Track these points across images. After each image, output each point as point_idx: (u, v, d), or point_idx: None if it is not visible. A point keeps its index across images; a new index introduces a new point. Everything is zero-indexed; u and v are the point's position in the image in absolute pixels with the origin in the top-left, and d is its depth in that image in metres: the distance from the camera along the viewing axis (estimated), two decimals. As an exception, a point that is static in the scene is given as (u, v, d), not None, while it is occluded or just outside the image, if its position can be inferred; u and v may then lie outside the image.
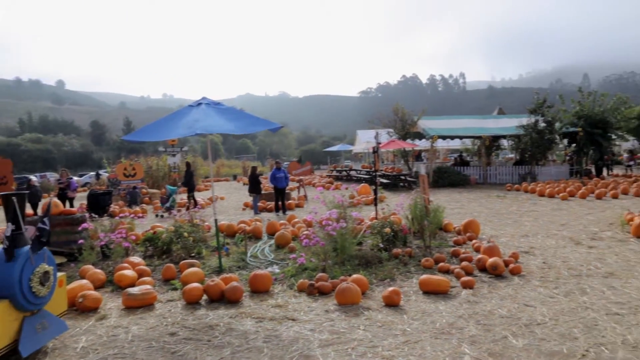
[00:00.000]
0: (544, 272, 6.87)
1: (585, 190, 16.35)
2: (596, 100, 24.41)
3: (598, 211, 12.96)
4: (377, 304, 5.66)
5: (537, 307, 5.39)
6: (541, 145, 22.43)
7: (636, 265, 7.07)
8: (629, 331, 4.64)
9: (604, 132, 23.59)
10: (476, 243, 8.23)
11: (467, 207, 14.72)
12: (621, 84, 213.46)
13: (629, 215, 10.39)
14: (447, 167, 23.97)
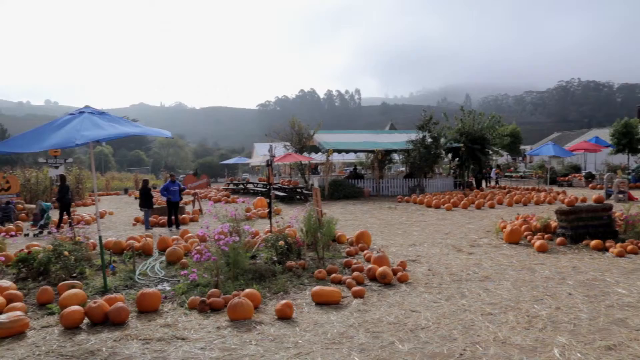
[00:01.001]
0: (429, 278, 7.30)
1: (467, 201, 17.70)
2: (475, 119, 26.65)
3: (477, 220, 14.07)
4: (270, 317, 5.64)
5: (421, 312, 5.70)
6: (428, 159, 23.96)
7: (507, 269, 7.77)
8: (500, 329, 5.07)
9: (483, 148, 25.78)
10: (367, 253, 8.53)
11: (360, 218, 15.24)
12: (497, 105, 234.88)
13: (503, 223, 11.41)
14: (342, 180, 24.70)
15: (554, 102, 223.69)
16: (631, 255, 8.48)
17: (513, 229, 10.11)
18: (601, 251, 8.91)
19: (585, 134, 49.35)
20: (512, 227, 10.17)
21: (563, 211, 9.91)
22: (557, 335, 4.84)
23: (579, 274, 7.31)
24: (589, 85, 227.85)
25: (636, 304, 5.79)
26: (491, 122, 26.54)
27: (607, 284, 6.74)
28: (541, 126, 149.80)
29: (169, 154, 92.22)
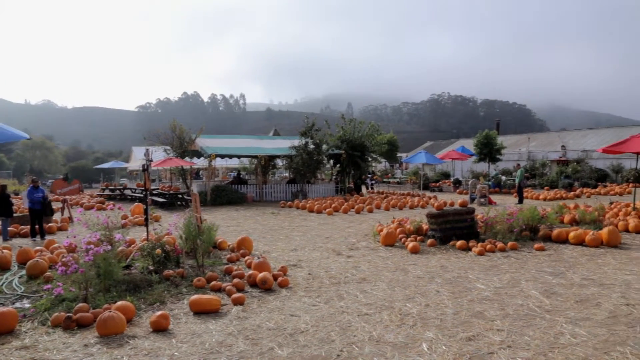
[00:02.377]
0: (309, 282, 7.41)
1: (347, 206, 18.34)
2: (356, 127, 27.75)
3: (357, 224, 14.63)
4: (145, 330, 5.33)
5: (301, 316, 5.76)
6: (311, 165, 24.46)
7: (383, 270, 8.15)
8: (375, 328, 5.28)
9: (362, 155, 26.92)
10: (249, 259, 8.44)
11: (243, 224, 15.08)
12: (377, 114, 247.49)
13: (380, 227, 11.98)
14: (225, 186, 24.29)
15: (427, 113, 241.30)
16: (489, 254, 9.36)
17: (389, 232, 10.65)
18: (465, 251, 9.72)
19: (454, 144, 53.81)
20: (388, 231, 10.72)
21: (433, 215, 10.67)
22: (426, 331, 5.17)
23: (446, 273, 7.89)
24: (457, 99, 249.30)
25: (492, 297, 6.39)
26: (370, 130, 27.80)
27: (469, 280, 7.35)
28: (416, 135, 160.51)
29: (35, 157, 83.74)
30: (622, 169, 32.88)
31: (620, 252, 9.33)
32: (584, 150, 37.36)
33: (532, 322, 5.39)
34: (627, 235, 11.31)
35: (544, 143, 44.49)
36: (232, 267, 8.01)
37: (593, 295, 6.43)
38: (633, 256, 8.95)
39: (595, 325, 5.26)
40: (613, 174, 33.73)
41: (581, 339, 4.85)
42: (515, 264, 8.50)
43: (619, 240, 10.03)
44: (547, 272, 7.78)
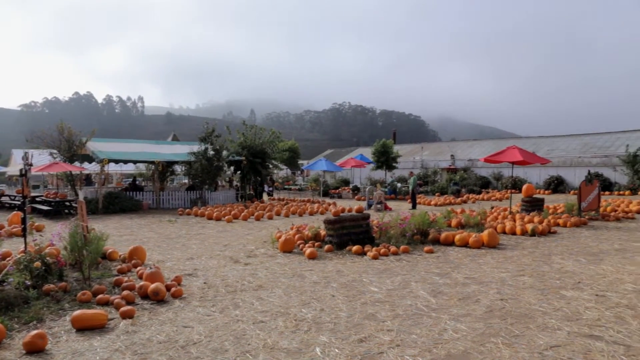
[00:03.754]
0: (204, 292, 7.23)
1: (247, 213, 18.18)
2: (257, 133, 27.65)
3: (256, 231, 14.54)
4: (17, 353, 4.86)
5: (194, 327, 5.59)
6: (210, 172, 23.93)
7: (280, 277, 8.17)
8: (269, 335, 5.27)
9: (263, 162, 26.86)
10: (141, 270, 8.05)
11: (137, 233, 14.36)
12: (279, 121, 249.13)
13: (278, 233, 12.01)
14: (119, 193, 22.99)
15: (329, 121, 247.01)
16: (383, 257, 9.75)
17: (287, 238, 10.71)
18: (361, 255, 10.04)
19: (353, 152, 55.55)
20: (286, 237, 10.77)
21: (330, 221, 10.90)
22: (320, 335, 5.25)
23: (341, 277, 8.09)
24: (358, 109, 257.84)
25: (384, 299, 6.66)
26: (271, 137, 27.85)
27: (363, 283, 7.60)
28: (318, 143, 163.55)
29: None
30: (502, 177, 35.96)
31: (498, 252, 10.17)
32: (470, 160, 40.32)
33: (419, 320, 5.69)
34: (505, 236, 12.37)
35: (436, 152, 47.40)
36: (122, 278, 7.58)
37: (473, 292, 6.94)
38: (508, 255, 9.81)
39: (475, 320, 5.67)
40: (494, 181, 36.77)
41: (462, 334, 5.20)
42: (407, 266, 8.94)
43: (497, 242, 10.95)
44: (434, 273, 8.27)
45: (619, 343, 4.88)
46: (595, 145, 35.63)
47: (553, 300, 6.49)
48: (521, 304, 6.33)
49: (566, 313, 5.90)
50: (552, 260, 9.30)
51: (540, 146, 38.44)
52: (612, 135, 36.71)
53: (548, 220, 14.13)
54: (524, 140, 42.27)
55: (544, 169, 33.52)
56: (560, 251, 10.26)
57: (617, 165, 31.47)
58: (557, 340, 4.99)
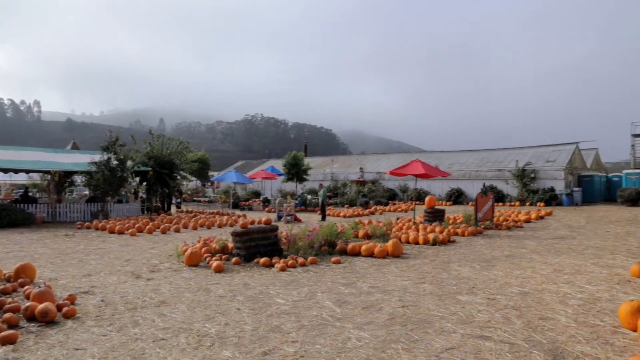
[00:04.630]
0: (101, 310, 6.79)
1: (152, 226, 17.44)
2: (164, 143, 26.72)
3: (161, 245, 13.97)
4: None
5: (88, 349, 5.22)
6: (113, 183, 22.70)
7: (184, 291, 7.90)
8: (170, 353, 5.06)
9: (171, 173, 25.98)
10: (28, 289, 7.41)
11: (28, 248, 13.22)
12: (190, 131, 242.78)
13: (184, 246, 11.63)
14: (7, 205, 21.07)
15: (241, 132, 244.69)
16: (291, 269, 9.77)
17: (193, 252, 10.40)
18: (269, 267, 9.98)
19: (265, 164, 55.42)
20: (193, 250, 10.47)
21: (238, 233, 10.75)
22: (223, 350, 5.12)
23: (248, 290, 7.98)
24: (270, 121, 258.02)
25: (290, 310, 6.66)
26: (179, 147, 27.05)
27: (270, 296, 7.55)
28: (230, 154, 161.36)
29: None
30: (407, 189, 37.61)
31: (402, 261, 10.59)
32: (378, 172, 41.79)
33: (324, 331, 5.75)
34: (408, 246, 12.92)
35: (346, 165, 48.59)
36: (6, 299, 6.92)
37: (377, 301, 7.15)
38: (411, 264, 10.24)
39: (377, 327, 5.83)
40: (401, 193, 38.35)
41: (364, 342, 5.32)
42: (314, 277, 9.02)
43: (401, 251, 11.40)
44: (340, 283, 8.42)
45: (505, 342, 5.25)
46: (491, 160, 38.43)
47: (450, 305, 6.85)
48: (421, 310, 6.61)
49: (461, 317, 6.25)
50: (451, 267, 9.84)
51: (443, 160, 40.75)
52: (504, 152, 39.82)
53: (448, 230, 14.96)
54: (428, 155, 44.62)
55: (446, 181, 35.54)
56: (458, 259, 10.89)
57: (508, 178, 34.17)
58: (452, 342, 5.26)
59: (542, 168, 33.80)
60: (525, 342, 5.25)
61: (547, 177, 33.28)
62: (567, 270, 9.32)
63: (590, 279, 8.49)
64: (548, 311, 6.45)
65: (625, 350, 4.95)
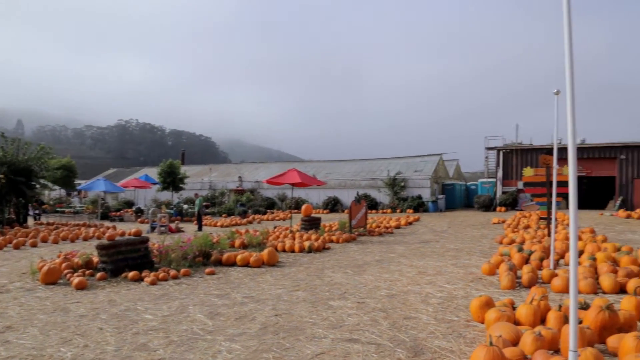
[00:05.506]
0: None
1: (3, 241, 15.57)
2: (20, 148, 24.09)
3: (13, 261, 12.53)
4: None
5: None
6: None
7: (38, 313, 7.13)
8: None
9: (28, 181, 23.48)
10: None
11: None
12: (55, 136, 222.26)
13: (41, 263, 10.53)
14: None
15: (114, 138, 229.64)
16: (162, 282, 9.32)
17: (51, 268, 9.45)
18: (138, 281, 9.41)
19: (138, 172, 52.52)
20: (50, 266, 9.51)
21: (103, 246, 10.00)
22: (80, 375, 4.70)
23: (113, 307, 7.44)
24: (146, 127, 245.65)
25: (158, 326, 6.32)
26: (39, 153, 24.56)
27: (137, 312, 7.11)
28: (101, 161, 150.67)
29: None
30: (286, 198, 38.03)
31: (277, 270, 10.63)
32: (257, 181, 41.73)
33: (194, 345, 5.53)
34: (285, 254, 13.02)
35: (224, 174, 47.84)
36: None
37: (250, 311, 7.07)
38: (286, 272, 10.32)
39: (249, 338, 5.76)
40: (279, 202, 38.67)
41: (235, 354, 5.22)
42: (186, 289, 8.69)
43: (277, 259, 11.44)
44: (214, 295, 8.20)
45: (372, 343, 5.48)
46: (365, 170, 40.35)
47: (322, 311, 7.00)
48: (294, 317, 6.67)
49: (332, 322, 6.41)
50: (325, 274, 10.09)
51: (321, 169, 41.91)
52: (377, 162, 42.06)
53: (323, 238, 15.35)
54: (306, 164, 45.60)
55: (323, 190, 36.57)
56: (332, 265, 11.21)
57: (381, 187, 36.13)
58: (322, 348, 5.37)
59: (411, 177, 36.27)
60: (390, 341, 5.52)
61: (415, 185, 35.77)
62: (430, 272, 10.04)
63: (449, 279, 9.23)
64: (412, 311, 6.88)
65: (475, 341, 5.43)
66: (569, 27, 3.62)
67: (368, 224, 19.68)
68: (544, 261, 9.90)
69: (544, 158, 12.11)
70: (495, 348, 4.32)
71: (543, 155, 12.32)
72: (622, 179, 32.63)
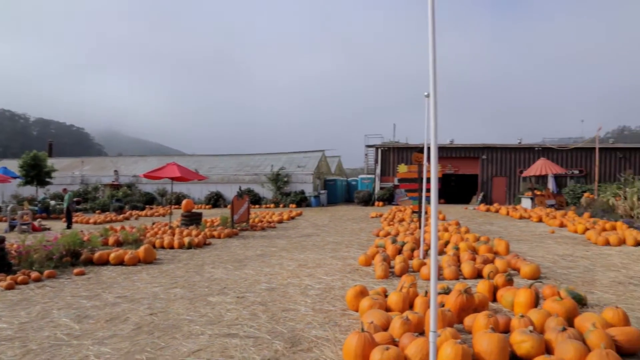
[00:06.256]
0: None
1: None
2: None
3: None
4: None
5: None
6: None
7: None
8: None
9: None
10: None
11: None
12: None
13: None
14: None
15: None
16: (21, 286, 8.46)
17: None
18: (-9, 286, 8.45)
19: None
20: None
21: (-52, 247, 8.83)
22: None
23: (-41, 316, 6.60)
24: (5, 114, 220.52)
25: (15, 335, 5.72)
26: None
27: (-11, 320, 6.39)
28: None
29: None
30: (166, 193, 36.56)
31: (154, 267, 10.19)
32: (134, 176, 39.55)
33: (57, 352, 5.11)
34: (163, 251, 12.52)
35: (99, 167, 44.68)
36: None
37: (123, 311, 6.70)
38: (164, 269, 9.93)
39: (121, 340, 5.46)
40: (159, 197, 37.09)
41: (105, 357, 4.92)
42: (51, 292, 7.99)
43: (154, 257, 10.96)
44: (83, 297, 7.64)
45: (250, 336, 5.49)
46: (249, 165, 40.14)
47: (200, 307, 6.85)
48: (170, 315, 6.45)
49: (210, 318, 6.30)
50: (204, 269, 9.88)
51: (203, 164, 40.87)
52: (261, 157, 42.07)
53: (204, 233, 15.01)
54: (188, 158, 44.23)
55: (205, 185, 35.74)
56: (212, 260, 11.01)
57: (264, 182, 36.21)
58: (200, 344, 5.26)
59: (294, 173, 36.79)
60: (269, 334, 5.58)
61: (298, 180, 36.35)
62: (310, 265, 10.29)
63: (328, 271, 9.53)
64: (291, 303, 7.00)
65: (350, 329, 5.68)
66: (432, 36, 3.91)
67: (251, 219, 19.63)
68: (414, 251, 10.63)
69: (416, 156, 12.97)
70: (367, 334, 4.56)
71: (415, 153, 13.18)
72: (483, 176, 36.12)
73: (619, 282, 8.17)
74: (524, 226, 18.21)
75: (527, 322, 5.02)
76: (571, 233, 15.57)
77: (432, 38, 3.82)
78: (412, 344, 4.42)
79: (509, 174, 35.80)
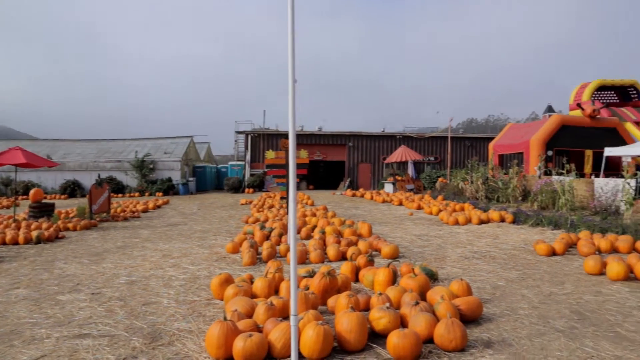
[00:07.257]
0: None
1: None
2: None
3: None
4: None
5: None
6: None
7: None
8: None
9: None
10: None
11: None
12: None
13: None
14: None
15: None
16: None
17: None
18: None
19: None
20: None
21: None
22: None
23: None
24: None
25: None
26: None
27: None
28: None
29: None
30: (12, 182, 32.70)
31: (-7, 267, 9.01)
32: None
33: None
34: (5, 247, 11.14)
35: None
36: None
37: (-51, 319, 5.81)
38: (4, 268, 8.77)
39: (-56, 353, 4.72)
40: (3, 187, 33.07)
41: None
42: None
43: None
44: None
45: (105, 335, 5.08)
46: (110, 151, 37.39)
47: (47, 308, 6.19)
48: (9, 320, 5.73)
49: (59, 318, 5.72)
50: (55, 265, 8.97)
51: (58, 149, 37.22)
52: (124, 142, 39.42)
53: (57, 225, 13.67)
54: (40, 143, 39.93)
55: (60, 173, 32.64)
56: (66, 255, 10.05)
57: (128, 169, 34.05)
58: (44, 350, 4.74)
59: (161, 159, 35.06)
60: (126, 331, 5.22)
61: (165, 167, 34.72)
62: (175, 255, 9.86)
63: (194, 260, 9.22)
64: (152, 296, 6.63)
65: (214, 319, 5.53)
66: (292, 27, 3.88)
67: (112, 209, 18.33)
68: (282, 237, 10.73)
69: (283, 142, 13.07)
70: (229, 322, 4.47)
71: (283, 139, 13.28)
72: (350, 163, 37.74)
73: (465, 257, 9.06)
74: (386, 209, 19.40)
75: (385, 299, 5.31)
76: (427, 215, 16.94)
77: (291, 24, 3.80)
78: (275, 328, 4.43)
79: (374, 161, 37.87)
